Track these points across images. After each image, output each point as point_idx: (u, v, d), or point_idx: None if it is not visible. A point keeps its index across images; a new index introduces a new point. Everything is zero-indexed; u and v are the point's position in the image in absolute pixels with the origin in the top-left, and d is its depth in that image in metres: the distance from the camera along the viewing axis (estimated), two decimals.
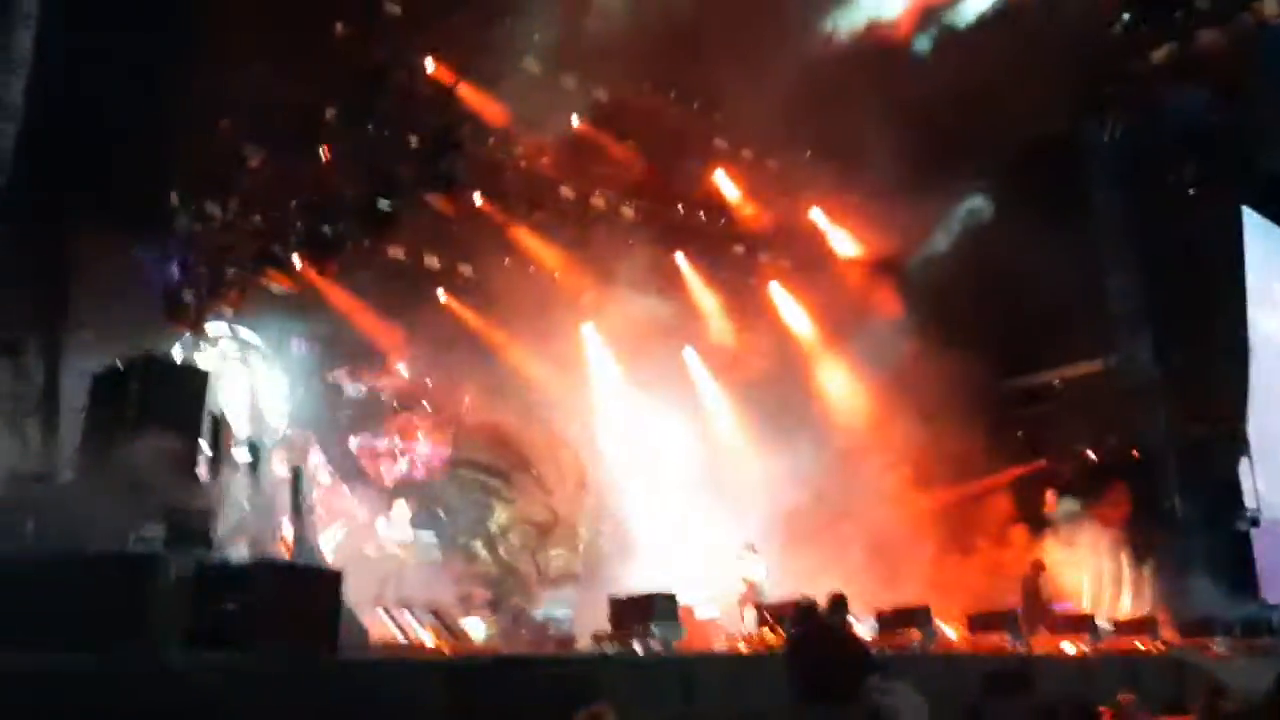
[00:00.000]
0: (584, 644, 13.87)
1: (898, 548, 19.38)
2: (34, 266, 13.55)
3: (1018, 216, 19.60)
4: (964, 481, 22.16)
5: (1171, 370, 22.98)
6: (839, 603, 9.13)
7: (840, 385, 21.44)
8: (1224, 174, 23.56)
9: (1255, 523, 22.20)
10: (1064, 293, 20.25)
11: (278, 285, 15.06)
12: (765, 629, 13.52)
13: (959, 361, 20.88)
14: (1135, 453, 22.93)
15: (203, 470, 12.73)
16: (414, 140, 13.42)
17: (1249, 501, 22.22)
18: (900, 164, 18.62)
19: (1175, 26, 21.94)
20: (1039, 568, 18.59)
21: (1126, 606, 19.87)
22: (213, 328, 16.15)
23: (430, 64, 15.03)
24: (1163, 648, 16.31)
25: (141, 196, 14.50)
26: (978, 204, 21.51)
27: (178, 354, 15.39)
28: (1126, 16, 21.69)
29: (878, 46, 17.23)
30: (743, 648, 13.66)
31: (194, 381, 12.92)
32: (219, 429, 13.30)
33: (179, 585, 9.11)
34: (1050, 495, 20.24)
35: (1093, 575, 20.56)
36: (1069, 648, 15.58)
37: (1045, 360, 23.91)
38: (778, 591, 15.77)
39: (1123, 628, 16.97)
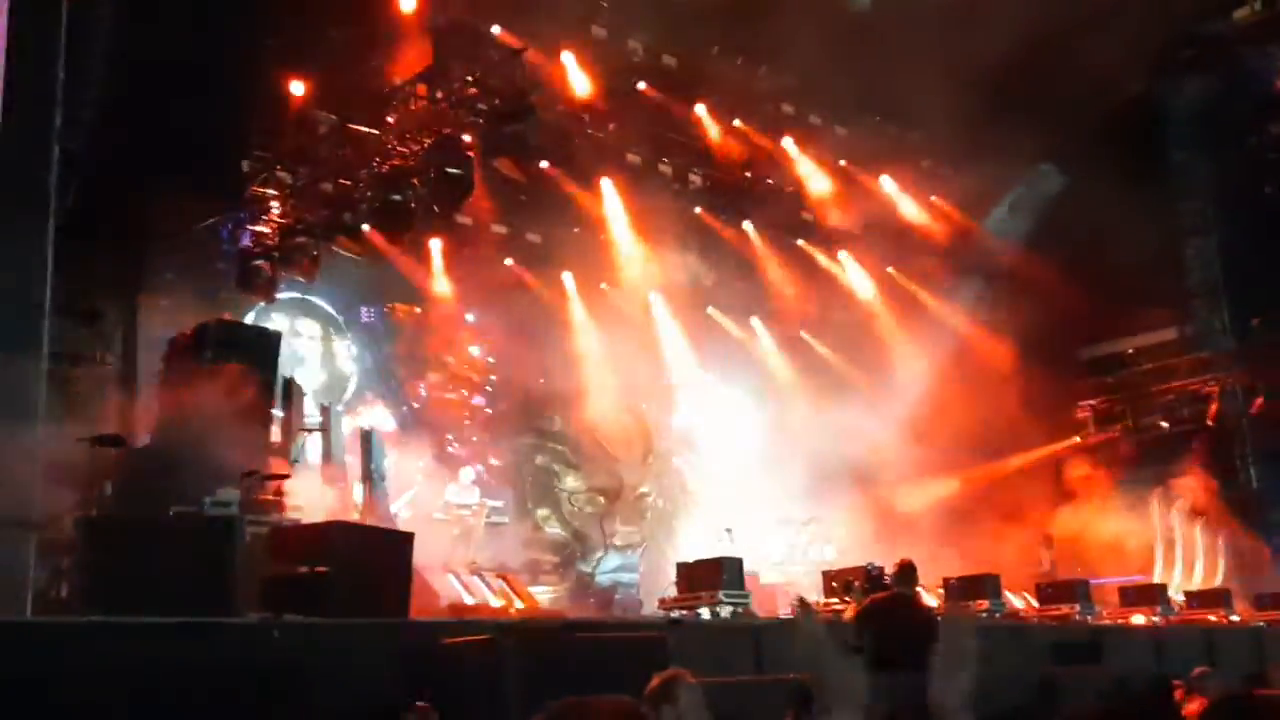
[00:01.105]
0: (650, 609, 13.97)
1: (965, 516, 19.22)
2: (112, 235, 13.82)
3: (1094, 181, 19.19)
4: (1034, 449, 21.90)
5: (1247, 339, 22.49)
6: (907, 571, 9.05)
7: (910, 354, 21.20)
8: None
9: None
10: (1140, 259, 19.81)
11: (348, 252, 15.19)
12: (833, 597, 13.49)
13: (1032, 328, 20.62)
14: (1210, 422, 22.50)
15: (276, 434, 12.96)
16: (483, 107, 13.40)
17: None
18: (973, 129, 18.32)
19: None
20: (1048, 542, 18.27)
21: (1199, 579, 19.56)
22: (285, 294, 16.37)
23: (497, 29, 15.02)
24: (1236, 621, 16.04)
25: (215, 165, 14.71)
26: (1048, 171, 21.08)
27: (251, 320, 15.66)
28: None
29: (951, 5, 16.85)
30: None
31: (266, 347, 13.11)
32: (291, 394, 13.52)
33: (253, 548, 9.32)
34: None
35: (1164, 547, 20.26)
36: (1139, 620, 15.37)
37: (1120, 328, 23.51)
38: (845, 559, 15.72)
39: (1195, 600, 16.70)
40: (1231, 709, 3.01)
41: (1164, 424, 23.03)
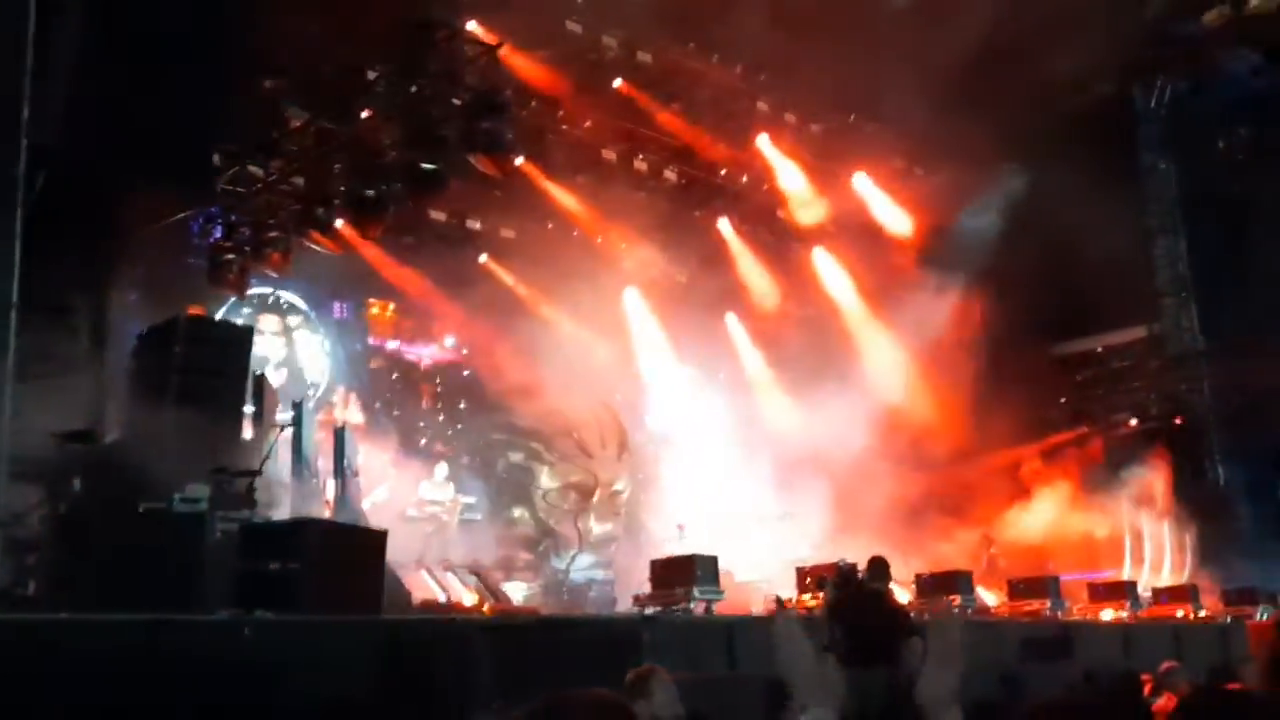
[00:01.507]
0: (624, 606, 13.96)
1: (938, 513, 19.34)
2: (81, 229, 13.67)
3: (1065, 180, 19.33)
4: (1007, 447, 22.04)
5: (1216, 338, 22.73)
6: (880, 567, 9.12)
7: (883, 351, 21.29)
8: (1275, 139, 23.13)
9: None
10: (1110, 258, 19.97)
11: (320, 247, 15.10)
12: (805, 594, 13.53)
13: (1003, 326, 20.76)
14: (1178, 420, 22.72)
15: (246, 430, 12.87)
16: (457, 102, 13.34)
17: None
18: (944, 128, 18.42)
19: None
20: (988, 542, 18.39)
21: (1167, 575, 19.75)
22: (256, 289, 16.27)
23: (473, 24, 14.96)
24: (1203, 616, 16.21)
25: (186, 159, 14.59)
26: (1018, 171, 21.21)
27: (222, 315, 15.55)
28: None
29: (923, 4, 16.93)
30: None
31: (237, 342, 13.01)
32: (262, 389, 13.44)
33: (223, 545, 9.25)
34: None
35: (1133, 543, 20.44)
36: (1108, 615, 15.51)
37: (1090, 326, 23.71)
38: (817, 555, 15.78)
39: (1163, 596, 16.86)
40: (1202, 704, 3.03)
41: (1133, 421, 23.25)
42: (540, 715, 1.94)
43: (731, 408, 20.40)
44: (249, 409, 13.05)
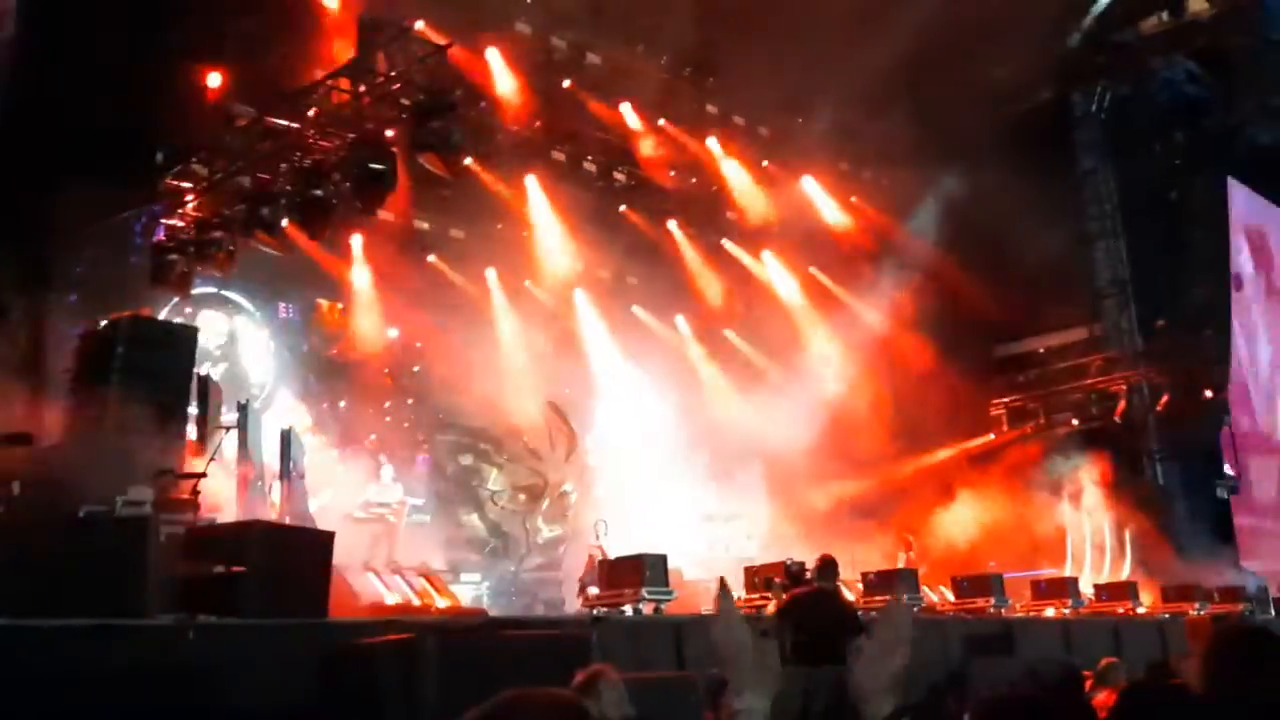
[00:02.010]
0: (573, 607, 13.97)
1: (884, 511, 19.53)
2: (18, 228, 13.43)
3: (1008, 184, 19.62)
4: (949, 446, 22.33)
5: (1153, 339, 23.18)
6: (828, 566, 9.20)
7: (828, 353, 21.47)
8: (1210, 145, 23.64)
9: (1234, 490, 22.45)
10: (1052, 261, 20.32)
11: (267, 247, 14.92)
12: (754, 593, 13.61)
13: (948, 328, 21.03)
14: (1118, 420, 23.12)
15: (190, 432, 12.72)
16: (406, 102, 13.27)
17: (1228, 469, 22.47)
18: (889, 132, 18.63)
19: None
20: (905, 545, 18.59)
21: (1107, 572, 20.08)
22: (200, 290, 16.07)
23: (421, 24, 14.88)
24: (1143, 613, 16.52)
25: (127, 157, 14.37)
26: (957, 177, 21.47)
27: (165, 316, 15.33)
28: None
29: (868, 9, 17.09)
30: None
31: (180, 343, 12.84)
32: (206, 391, 13.28)
33: (168, 548, 9.13)
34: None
35: (1074, 541, 20.77)
36: (1050, 612, 15.76)
37: (1032, 328, 24.08)
38: (766, 555, 15.88)
39: (1104, 593, 17.16)
40: (1138, 700, 3.11)
41: (1075, 421, 23.62)
42: (494, 714, 1.95)
43: (680, 408, 20.45)
44: (193, 410, 12.91)
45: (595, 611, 11.37)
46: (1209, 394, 22.59)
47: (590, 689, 4.47)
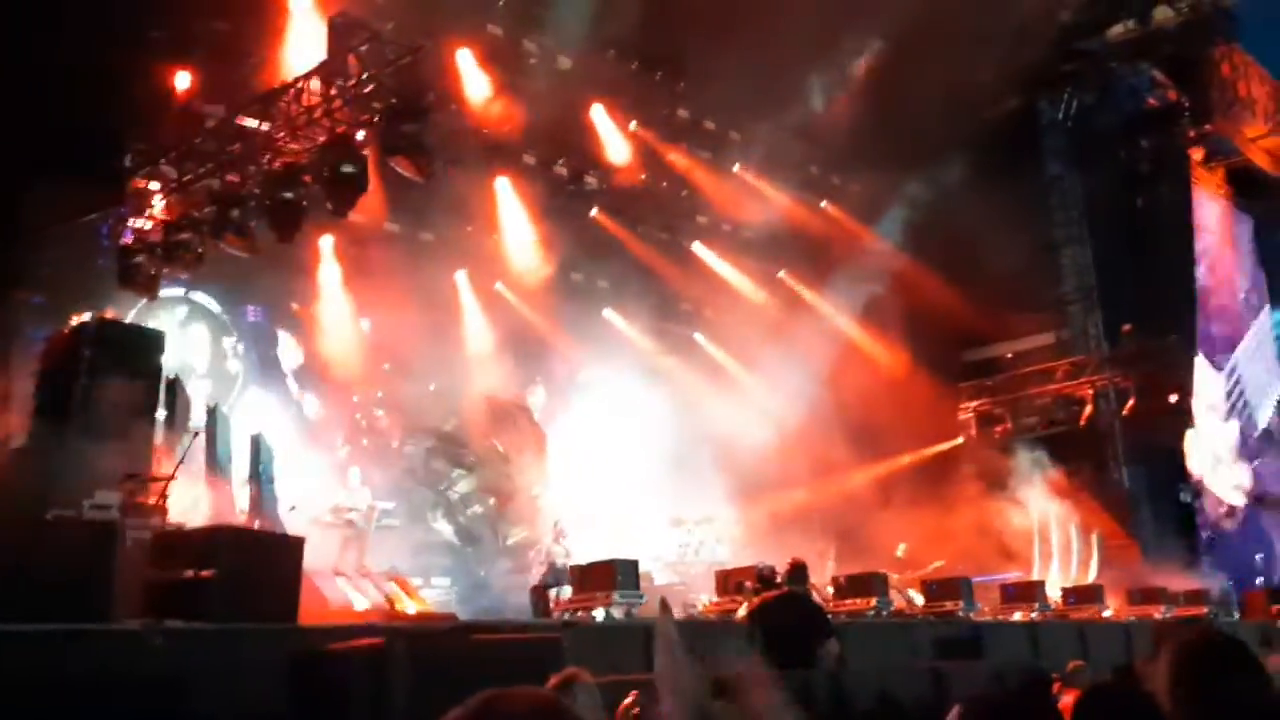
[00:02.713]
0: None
1: (853, 515, 19.60)
2: None
3: (976, 190, 19.78)
4: (919, 450, 22.45)
5: (1119, 344, 23.41)
6: (798, 570, 9.24)
7: (800, 357, 21.52)
8: (1174, 151, 23.93)
9: (1198, 494, 22.70)
10: (1019, 267, 20.50)
11: (236, 250, 14.81)
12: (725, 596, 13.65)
13: (917, 333, 21.17)
14: (1083, 424, 23.33)
15: (159, 435, 12.62)
16: (378, 105, 13.21)
17: (1193, 474, 22.72)
18: (860, 138, 18.75)
19: (1132, 4, 22.20)
20: (824, 552, 18.56)
21: (1074, 576, 20.25)
22: (168, 292, 15.94)
23: (392, 26, 14.82)
24: (1109, 616, 16.67)
25: (94, 158, 14.26)
26: (926, 183, 21.60)
27: (132, 318, 15.20)
28: None
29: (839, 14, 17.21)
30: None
31: (148, 346, 12.75)
32: (175, 394, 13.17)
33: (135, 553, 9.05)
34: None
35: (1042, 545, 20.92)
36: (1018, 616, 15.87)
37: (999, 333, 24.27)
38: (738, 559, 15.92)
39: (1071, 596, 17.30)
40: (1096, 703, 3.15)
41: (1041, 426, 23.82)
42: (474, 714, 1.94)
43: (651, 412, 20.47)
44: (161, 414, 12.80)
45: (566, 615, 11.37)
46: (1174, 399, 22.84)
47: (565, 692, 4.47)
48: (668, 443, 19.81)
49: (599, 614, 11.13)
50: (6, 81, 12.02)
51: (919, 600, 15.57)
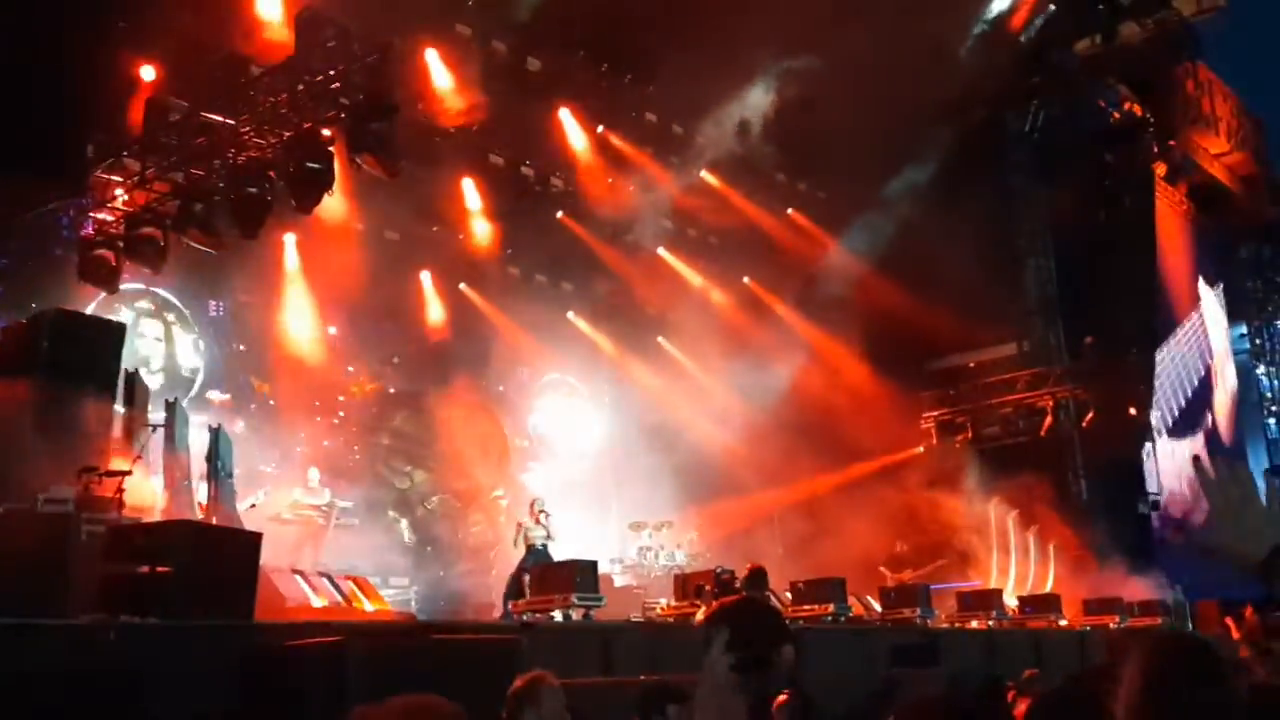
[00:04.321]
0: (502, 612, 13.89)
1: (814, 521, 19.65)
2: None
3: (942, 201, 19.94)
4: (880, 458, 22.53)
5: (1080, 356, 23.64)
6: (758, 575, 9.27)
7: (763, 363, 21.60)
8: (1137, 166, 24.21)
9: (1156, 506, 22.96)
10: (983, 277, 20.65)
11: (199, 244, 14.66)
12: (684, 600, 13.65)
13: (881, 341, 21.27)
14: (1043, 435, 23.53)
15: (117, 429, 12.48)
16: (345, 101, 13.13)
17: (1150, 486, 22.97)
18: (827, 147, 18.84)
19: (1098, 19, 22.44)
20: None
21: (1031, 585, 20.41)
22: (130, 286, 15.76)
23: (360, 25, 14.74)
24: (1064, 625, 16.82)
25: (54, 149, 14.09)
26: (892, 195, 21.70)
27: (92, 311, 15.02)
28: (1052, 7, 22.12)
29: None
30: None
31: (107, 339, 12.61)
32: (134, 388, 13.03)
33: (90, 548, 8.95)
34: None
35: (1000, 554, 21.08)
36: (975, 624, 15.98)
37: (962, 343, 24.41)
38: (696, 564, 15.95)
39: (1027, 605, 17.45)
40: (1051, 708, 3.19)
41: (1002, 436, 24.00)
42: None
43: (613, 415, 20.50)
44: (120, 408, 12.66)
45: (524, 616, 11.34)
46: (1133, 412, 23.09)
47: (532, 695, 4.47)
48: (629, 446, 19.84)
49: (558, 615, 11.11)
50: None
51: (876, 607, 15.64)
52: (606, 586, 12.99)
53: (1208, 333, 27.87)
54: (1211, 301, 28.67)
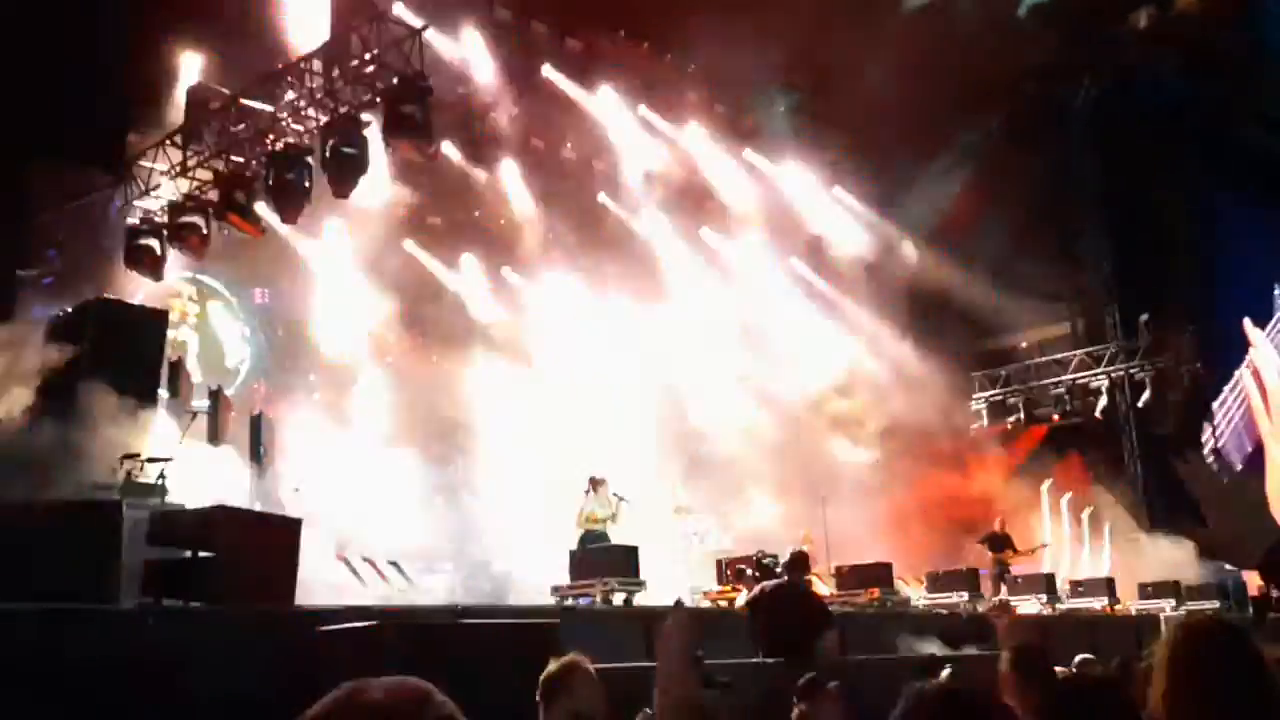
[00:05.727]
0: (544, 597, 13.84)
1: (861, 507, 19.43)
2: None
3: (995, 179, 19.59)
4: (930, 442, 22.23)
5: (1136, 335, 23.16)
6: (799, 560, 9.12)
7: (814, 346, 21.35)
8: (1197, 140, 23.61)
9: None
10: (1037, 255, 20.29)
11: (241, 231, 14.73)
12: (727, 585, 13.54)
13: (930, 322, 20.97)
14: (1098, 415, 23.10)
15: (162, 416, 12.58)
16: (380, 85, 13.09)
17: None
18: (879, 124, 18.57)
19: None
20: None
21: (1085, 568, 20.08)
22: (173, 274, 15.87)
23: (399, 6, 14.69)
24: (1119, 609, 16.51)
25: (99, 138, 14.20)
26: (946, 171, 21.35)
27: (138, 300, 15.14)
28: None
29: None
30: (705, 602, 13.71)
31: (151, 327, 12.72)
32: (177, 375, 13.14)
33: (135, 533, 9.00)
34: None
35: (1053, 537, 20.74)
36: (1029, 608, 15.72)
37: (1015, 323, 23.99)
38: (739, 549, 15.79)
39: (1081, 589, 17.14)
40: (1066, 695, 3.06)
41: (1055, 416, 23.59)
42: (335, 703, 1.83)
43: (658, 401, 20.33)
44: (164, 395, 12.76)
45: (565, 601, 11.27)
46: (1190, 391, 22.59)
47: (565, 681, 4.37)
48: (672, 430, 19.69)
49: (597, 600, 11.03)
50: (12, 61, 11.97)
51: (922, 592, 15.43)
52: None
53: None
54: None
